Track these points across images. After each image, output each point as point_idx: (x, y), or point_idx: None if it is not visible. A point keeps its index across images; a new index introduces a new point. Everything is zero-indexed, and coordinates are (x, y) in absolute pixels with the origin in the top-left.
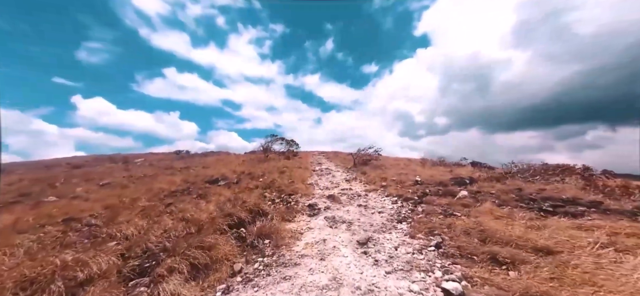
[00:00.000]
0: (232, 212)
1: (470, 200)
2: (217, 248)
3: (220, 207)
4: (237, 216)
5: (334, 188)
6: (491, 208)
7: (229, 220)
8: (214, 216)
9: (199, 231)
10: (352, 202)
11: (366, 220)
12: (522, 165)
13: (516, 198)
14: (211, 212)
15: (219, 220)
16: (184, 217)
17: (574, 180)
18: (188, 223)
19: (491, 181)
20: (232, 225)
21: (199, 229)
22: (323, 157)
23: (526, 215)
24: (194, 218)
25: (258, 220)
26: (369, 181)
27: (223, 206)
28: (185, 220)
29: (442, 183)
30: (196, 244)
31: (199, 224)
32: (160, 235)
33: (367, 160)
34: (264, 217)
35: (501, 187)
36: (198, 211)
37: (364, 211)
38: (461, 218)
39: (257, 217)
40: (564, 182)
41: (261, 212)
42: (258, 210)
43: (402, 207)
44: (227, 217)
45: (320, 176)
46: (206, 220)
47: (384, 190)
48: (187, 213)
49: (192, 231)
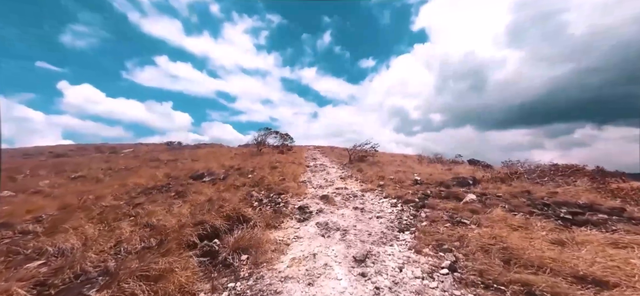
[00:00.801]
0: (205, 219)
1: (478, 205)
2: (170, 276)
3: (195, 210)
4: (211, 224)
5: (328, 187)
6: (504, 215)
7: (201, 229)
8: (184, 223)
9: (160, 244)
10: (347, 203)
11: (363, 228)
12: (529, 165)
13: (527, 203)
14: (183, 216)
15: (187, 229)
16: (149, 223)
17: (585, 183)
18: (153, 230)
19: (495, 182)
20: (204, 236)
21: (161, 241)
22: (318, 152)
23: (545, 224)
24: (160, 225)
25: (237, 228)
26: (365, 179)
27: (199, 209)
28: (150, 227)
29: (444, 184)
30: (140, 271)
31: (164, 233)
32: (110, 249)
33: (363, 156)
34: (245, 224)
35: (508, 189)
36: (168, 215)
37: (361, 215)
38: (471, 228)
39: (236, 224)
40: (575, 185)
41: (242, 217)
42: (238, 216)
43: (403, 210)
44: (198, 225)
45: (314, 173)
46: (174, 228)
47: (382, 190)
48: (153, 218)
49: (151, 245)
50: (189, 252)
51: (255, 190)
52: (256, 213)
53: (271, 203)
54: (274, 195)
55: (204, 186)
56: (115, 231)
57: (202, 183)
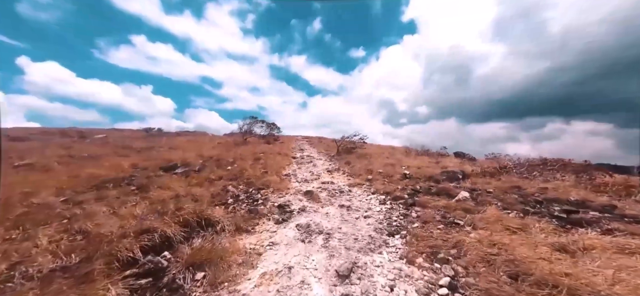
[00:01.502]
0: (152, 226)
1: (471, 204)
2: None
3: (152, 210)
4: (162, 232)
5: (313, 181)
6: (498, 215)
7: (147, 239)
8: (124, 232)
9: (84, 262)
10: (333, 200)
11: (349, 230)
12: (518, 159)
13: (520, 200)
14: (134, 218)
15: (127, 240)
16: (82, 229)
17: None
18: (85, 239)
19: (485, 176)
20: (150, 249)
21: (88, 257)
22: (306, 142)
23: (543, 226)
24: (95, 232)
25: (199, 235)
26: (353, 173)
27: (154, 209)
28: (83, 235)
29: (433, 178)
30: None
31: (97, 245)
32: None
33: (352, 148)
34: (211, 229)
35: (498, 185)
36: (113, 218)
37: (347, 214)
38: (467, 231)
39: (198, 230)
40: (564, 180)
41: (206, 221)
42: (200, 220)
43: (392, 209)
44: (143, 234)
45: (300, 165)
46: (110, 238)
47: (370, 185)
48: (90, 223)
49: (70, 264)
50: (124, 272)
51: (232, 185)
52: (227, 213)
53: (249, 200)
54: (253, 190)
55: (173, 179)
56: (23, 244)
57: (173, 176)
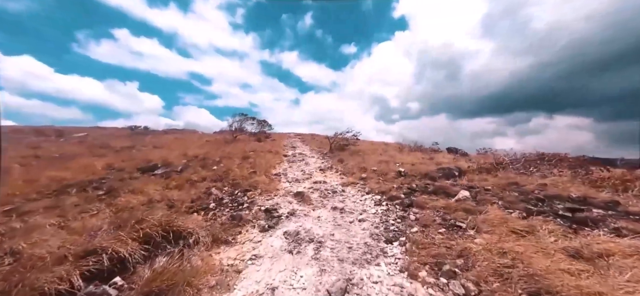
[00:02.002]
0: (100, 245)
1: (472, 204)
2: None
3: (114, 222)
4: (114, 252)
5: (304, 181)
6: (502, 216)
7: (94, 261)
8: (67, 253)
9: None
10: (325, 201)
11: (343, 237)
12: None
13: (520, 197)
14: (86, 232)
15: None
16: (13, 250)
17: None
18: (15, 262)
19: (481, 173)
20: (96, 274)
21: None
22: (298, 139)
23: (551, 228)
24: (28, 255)
25: (163, 251)
26: (346, 171)
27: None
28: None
29: (429, 176)
30: None
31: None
32: None
33: (345, 145)
34: (182, 241)
35: (495, 181)
36: (60, 233)
37: (340, 218)
38: (471, 235)
39: (164, 246)
40: (561, 175)
41: (175, 233)
42: (168, 232)
43: (389, 210)
44: (89, 255)
45: (291, 163)
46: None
47: (364, 185)
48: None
49: None
50: None
51: (216, 187)
52: (205, 221)
53: (233, 204)
54: (239, 192)
55: (150, 182)
56: None
57: (151, 178)
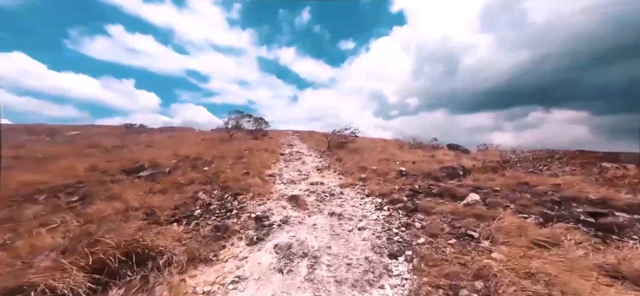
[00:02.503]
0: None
1: (482, 208)
2: None
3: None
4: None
5: (301, 182)
6: (518, 223)
7: None
8: None
9: None
10: (322, 206)
11: (341, 250)
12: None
13: (534, 200)
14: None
15: None
16: None
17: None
18: None
19: (486, 171)
20: None
21: None
22: (296, 137)
23: (580, 238)
24: None
25: (124, 278)
26: (345, 171)
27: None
28: None
29: (432, 176)
30: None
31: None
32: None
33: (343, 143)
34: (151, 262)
35: (503, 181)
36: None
37: (338, 226)
38: (487, 248)
39: (123, 271)
40: (573, 173)
41: (141, 255)
42: (133, 254)
43: (391, 216)
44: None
45: (288, 162)
46: None
47: (364, 186)
48: None
49: None
50: None
51: (204, 190)
52: (186, 233)
53: (221, 210)
54: (229, 196)
55: (133, 186)
56: None
57: (135, 181)
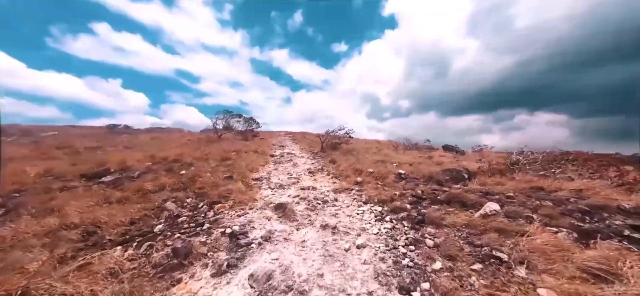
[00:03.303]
0: None
1: (504, 221)
2: None
3: None
4: None
5: (290, 187)
6: (554, 241)
7: None
8: None
9: None
10: (313, 216)
11: (336, 280)
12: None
13: (560, 209)
14: None
15: None
16: None
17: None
18: None
19: (493, 174)
20: None
21: None
22: (289, 138)
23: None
24: None
25: None
26: (339, 174)
27: None
28: None
29: (434, 179)
30: None
31: None
32: None
33: (337, 144)
34: None
35: (514, 186)
36: None
37: (332, 243)
38: (524, 277)
39: None
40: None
41: None
42: None
43: (395, 229)
44: None
45: (277, 164)
46: None
47: (361, 191)
48: None
49: None
50: None
51: (176, 198)
52: (128, 261)
53: (190, 224)
54: (204, 205)
55: (84, 194)
56: None
57: (93, 188)
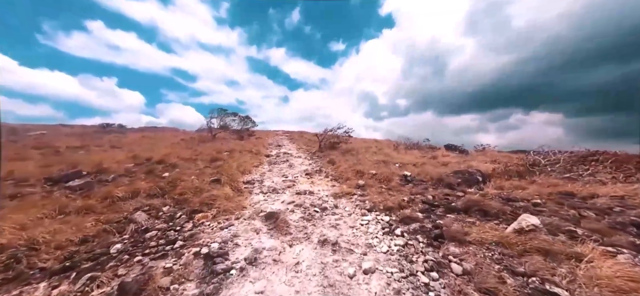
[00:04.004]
0: None
1: (547, 238)
2: None
3: None
4: None
5: (285, 191)
6: (625, 270)
7: None
8: None
9: None
10: (310, 228)
11: None
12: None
13: (607, 222)
14: None
15: None
16: None
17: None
18: None
19: (511, 177)
20: None
21: None
22: (286, 137)
23: None
24: None
25: None
26: (339, 176)
27: None
28: None
29: (444, 182)
30: None
31: None
32: None
33: (336, 143)
34: None
35: (537, 190)
36: None
37: (333, 265)
38: None
39: None
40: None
41: None
42: None
43: (409, 246)
44: None
45: (272, 165)
46: None
47: (363, 196)
48: None
49: None
50: None
51: (149, 207)
52: None
53: (159, 242)
54: (182, 215)
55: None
56: None
57: (55, 193)
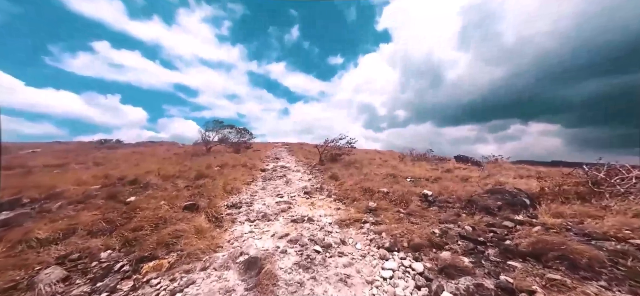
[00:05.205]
0: None
1: None
2: None
3: None
4: None
5: (277, 217)
6: None
7: None
8: None
9: None
10: (307, 283)
11: None
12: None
13: None
14: None
15: None
16: None
17: None
18: None
19: (568, 200)
20: None
21: None
22: (285, 149)
23: None
24: None
25: None
26: (343, 195)
27: None
28: None
29: (478, 204)
30: None
31: None
32: None
33: (338, 155)
34: None
35: (621, 221)
36: None
37: None
38: None
39: None
40: None
41: None
42: None
43: None
44: None
45: (267, 182)
46: None
47: (377, 224)
48: None
49: None
50: None
51: (82, 252)
52: None
53: None
54: (125, 264)
55: None
56: None
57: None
